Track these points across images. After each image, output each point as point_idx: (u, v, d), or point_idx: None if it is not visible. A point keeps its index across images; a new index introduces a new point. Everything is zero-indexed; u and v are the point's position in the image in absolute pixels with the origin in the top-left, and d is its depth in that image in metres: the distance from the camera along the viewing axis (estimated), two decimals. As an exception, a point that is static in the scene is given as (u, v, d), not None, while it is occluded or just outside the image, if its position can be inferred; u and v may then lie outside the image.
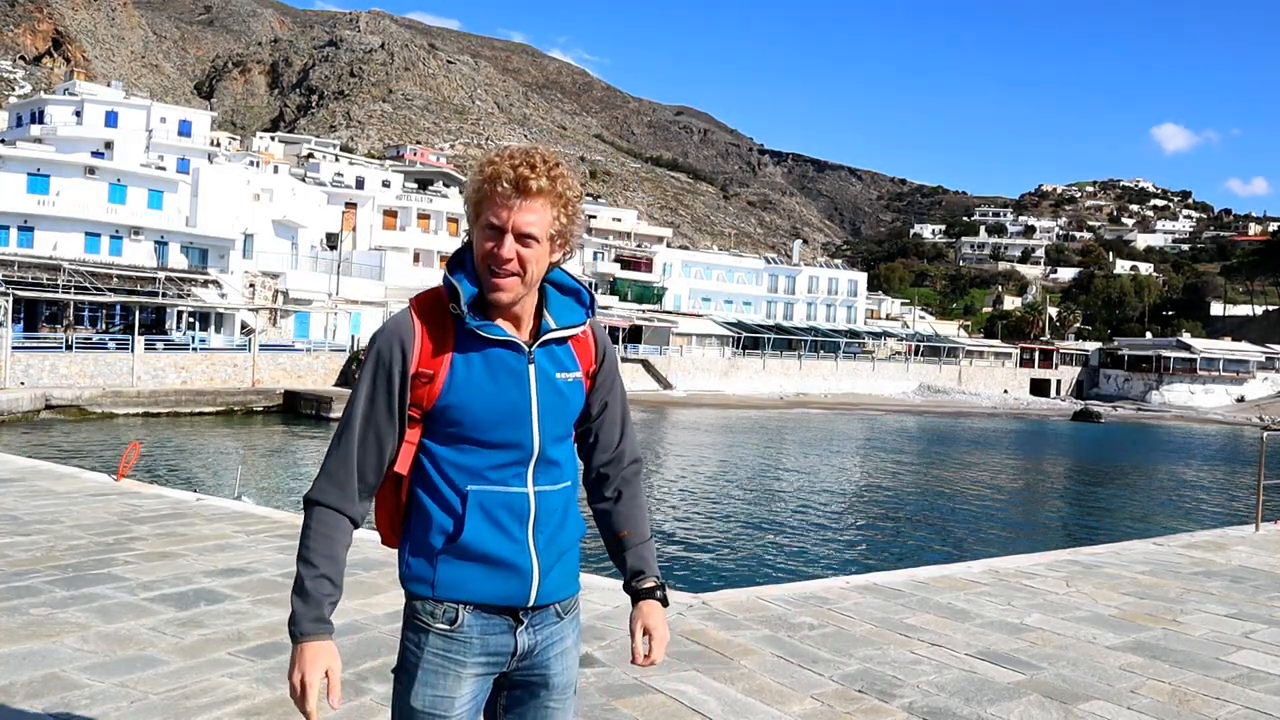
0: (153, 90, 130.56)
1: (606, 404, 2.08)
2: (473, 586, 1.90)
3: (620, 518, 2.10)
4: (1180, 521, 21.13)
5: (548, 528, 1.94)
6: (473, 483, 1.89)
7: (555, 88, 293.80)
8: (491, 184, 1.84)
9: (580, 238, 1.99)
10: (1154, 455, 42.83)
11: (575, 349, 2.00)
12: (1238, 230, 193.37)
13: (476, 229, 1.89)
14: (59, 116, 61.11)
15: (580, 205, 1.94)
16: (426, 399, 1.89)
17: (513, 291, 1.87)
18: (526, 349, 1.91)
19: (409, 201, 65.16)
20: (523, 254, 1.85)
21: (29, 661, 4.11)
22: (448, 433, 1.90)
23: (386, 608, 5.20)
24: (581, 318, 2.00)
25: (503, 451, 1.90)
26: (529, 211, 1.84)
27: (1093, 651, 4.97)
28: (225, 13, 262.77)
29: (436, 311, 1.92)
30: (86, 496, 8.27)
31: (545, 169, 1.85)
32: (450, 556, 1.90)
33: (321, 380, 40.44)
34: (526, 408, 1.90)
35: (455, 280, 1.89)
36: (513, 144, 2.07)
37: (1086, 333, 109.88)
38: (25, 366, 31.92)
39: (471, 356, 1.89)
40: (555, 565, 1.96)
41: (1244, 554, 8.04)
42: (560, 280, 2.02)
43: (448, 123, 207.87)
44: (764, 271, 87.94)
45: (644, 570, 2.08)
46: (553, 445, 1.95)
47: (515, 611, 1.93)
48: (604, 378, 2.07)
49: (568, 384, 1.97)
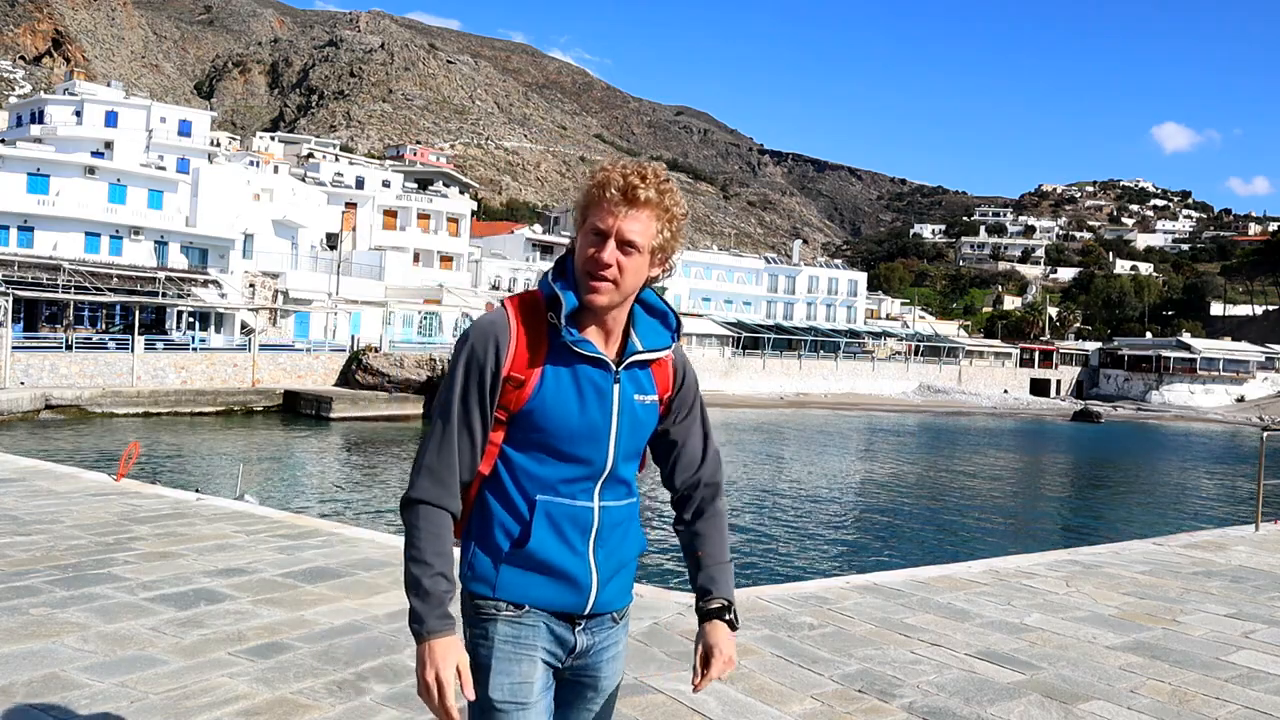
0: (153, 90, 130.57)
1: (687, 427, 2.10)
2: (533, 593, 1.95)
3: (698, 538, 2.11)
4: (1180, 521, 21.12)
5: (609, 542, 1.99)
6: (542, 493, 1.93)
7: (555, 88, 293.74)
8: (601, 190, 1.88)
9: (678, 257, 2.00)
10: (1154, 455, 42.83)
11: (655, 373, 2.03)
12: (1238, 230, 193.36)
13: (581, 233, 1.92)
14: (59, 116, 61.09)
15: (684, 225, 1.96)
16: (514, 403, 1.92)
17: (609, 296, 1.90)
18: (614, 368, 1.94)
19: (409, 201, 65.11)
20: (623, 261, 1.88)
21: (29, 661, 4.11)
22: (527, 440, 1.93)
23: (386, 608, 5.20)
24: (667, 341, 2.02)
25: (576, 466, 1.94)
26: (634, 220, 1.87)
27: (1093, 651, 4.97)
28: (225, 13, 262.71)
29: (534, 316, 1.94)
30: (86, 496, 8.27)
31: (655, 182, 1.88)
32: (514, 562, 1.94)
33: (321, 380, 40.43)
34: (606, 427, 1.94)
35: (558, 289, 1.92)
36: (626, 159, 2.06)
37: (1086, 333, 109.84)
38: (25, 366, 31.92)
39: (562, 369, 1.91)
40: (614, 577, 2.01)
41: (1244, 554, 8.04)
42: (650, 301, 2.04)
43: (448, 123, 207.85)
44: (764, 271, 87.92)
45: (712, 590, 2.07)
46: (624, 464, 1.99)
47: (572, 617, 1.98)
48: (680, 402, 2.09)
49: (645, 407, 1.99)
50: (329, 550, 6.58)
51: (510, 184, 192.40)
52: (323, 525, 7.79)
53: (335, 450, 28.75)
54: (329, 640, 4.58)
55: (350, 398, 37.42)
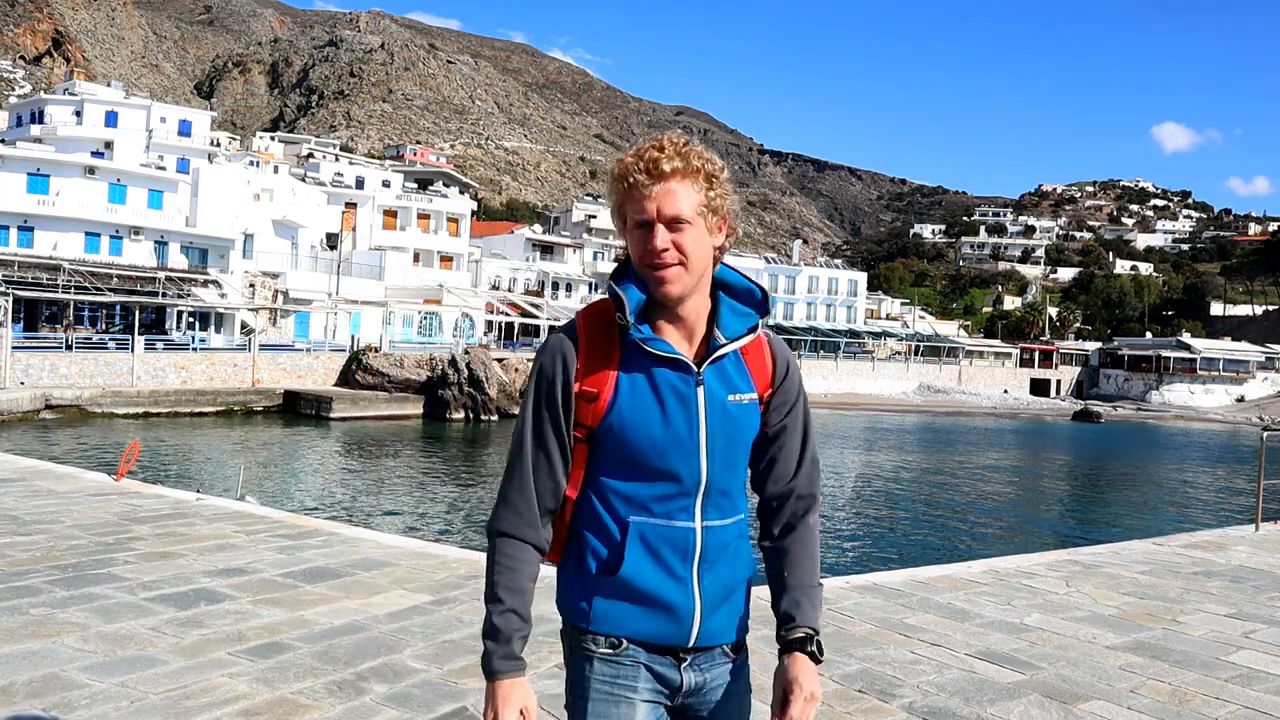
0: (153, 90, 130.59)
1: (783, 429, 1.86)
2: (630, 624, 1.77)
3: (784, 556, 1.88)
4: (1180, 521, 21.12)
5: (715, 565, 1.79)
6: (635, 514, 1.76)
7: (555, 88, 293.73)
8: (625, 181, 1.72)
9: (737, 213, 1.79)
10: (1154, 455, 42.83)
11: (750, 366, 1.82)
12: (1238, 230, 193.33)
13: (627, 235, 1.75)
14: (59, 116, 61.09)
15: (726, 179, 1.76)
16: (591, 419, 1.76)
17: (680, 282, 1.72)
18: (695, 369, 1.75)
19: (409, 201, 65.11)
20: (678, 240, 1.70)
21: (29, 661, 4.11)
22: (612, 457, 1.77)
23: (386, 608, 5.20)
24: (746, 325, 1.80)
25: (667, 483, 1.75)
26: (670, 194, 1.70)
27: (1093, 651, 4.97)
28: (225, 13, 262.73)
29: (603, 323, 1.79)
30: (86, 496, 8.27)
31: (674, 148, 1.72)
32: (607, 589, 1.77)
33: (321, 380, 40.42)
34: (694, 436, 1.74)
35: (620, 288, 1.76)
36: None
37: (1086, 333, 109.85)
38: (25, 366, 31.92)
39: (636, 376, 1.75)
40: (721, 605, 1.81)
41: (1244, 554, 8.04)
42: (729, 280, 1.83)
43: (448, 123, 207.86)
44: (764, 271, 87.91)
45: (795, 618, 1.82)
46: (723, 475, 1.79)
47: (675, 650, 1.79)
48: (781, 399, 1.85)
49: (741, 407, 1.79)
50: (329, 550, 6.58)
51: (510, 184, 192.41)
52: (323, 525, 7.79)
53: (335, 450, 28.74)
54: (329, 640, 4.58)
55: (350, 398, 37.42)
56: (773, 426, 1.85)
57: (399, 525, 17.29)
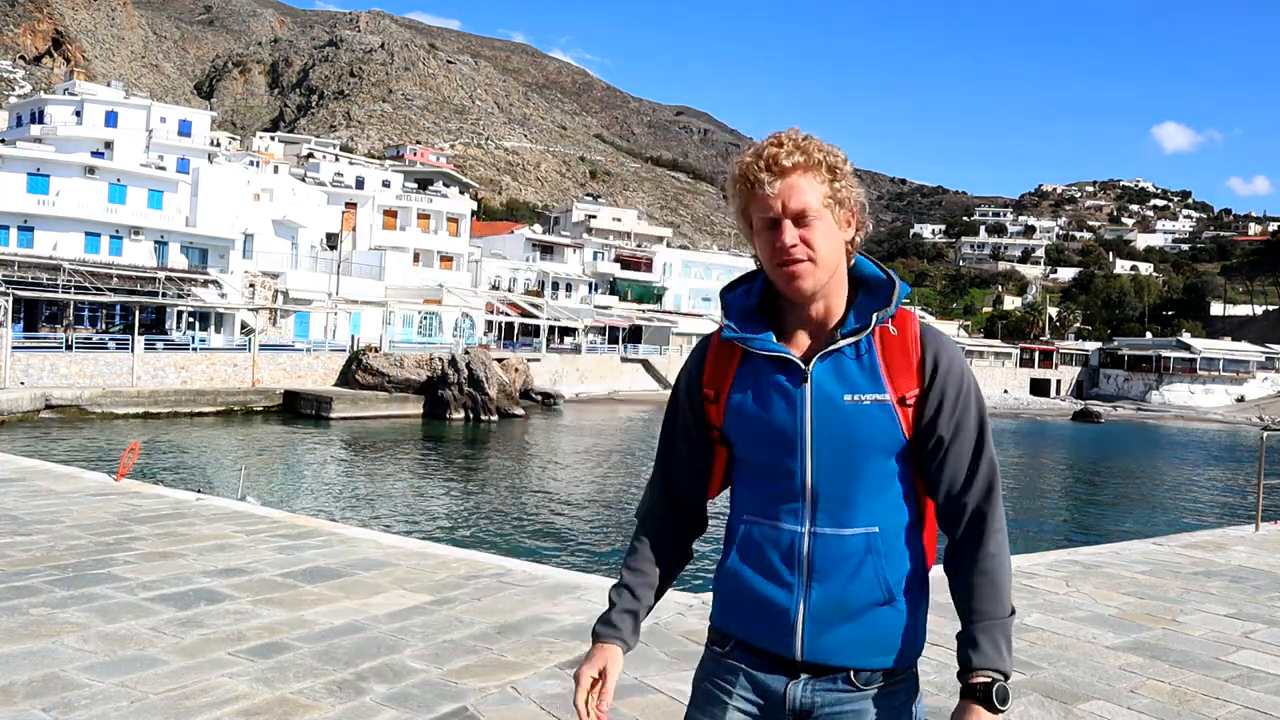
0: (153, 90, 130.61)
1: (941, 435, 1.69)
2: (736, 623, 1.77)
3: (960, 584, 1.72)
4: (1180, 521, 21.12)
5: (829, 578, 1.67)
6: (749, 512, 1.75)
7: (555, 88, 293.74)
8: (746, 181, 1.68)
9: (864, 206, 1.73)
10: (1154, 455, 42.83)
11: (889, 364, 1.68)
12: (1238, 230, 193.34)
13: (754, 237, 1.70)
14: (59, 116, 61.09)
15: (849, 170, 1.70)
16: (717, 418, 1.77)
17: (811, 278, 1.66)
18: (802, 366, 1.68)
19: (409, 201, 65.11)
20: (806, 236, 1.64)
21: (29, 661, 4.11)
22: (735, 457, 1.79)
23: (386, 608, 5.20)
24: (865, 320, 1.69)
25: (775, 483, 1.71)
26: (794, 189, 1.64)
27: (1093, 651, 4.97)
28: (225, 13, 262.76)
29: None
30: (86, 496, 8.27)
31: (793, 143, 1.67)
32: (723, 587, 1.80)
33: (321, 380, 40.43)
34: (797, 435, 1.68)
35: (728, 296, 1.78)
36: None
37: (1086, 333, 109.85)
38: (25, 366, 31.92)
39: (749, 377, 1.72)
40: (843, 624, 1.67)
41: (1244, 554, 8.04)
42: (864, 272, 1.75)
43: (448, 123, 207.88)
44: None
45: (972, 660, 1.64)
46: (835, 481, 1.68)
47: (785, 661, 1.71)
48: (934, 400, 1.68)
49: (861, 408, 1.66)
50: (329, 550, 6.58)
51: (510, 184, 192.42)
52: (323, 525, 7.79)
53: (335, 450, 28.75)
54: (329, 640, 4.58)
55: (350, 398, 37.43)
56: (927, 431, 1.69)
57: (399, 525, 17.30)
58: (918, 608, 1.73)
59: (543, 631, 4.91)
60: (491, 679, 4.17)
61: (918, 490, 1.75)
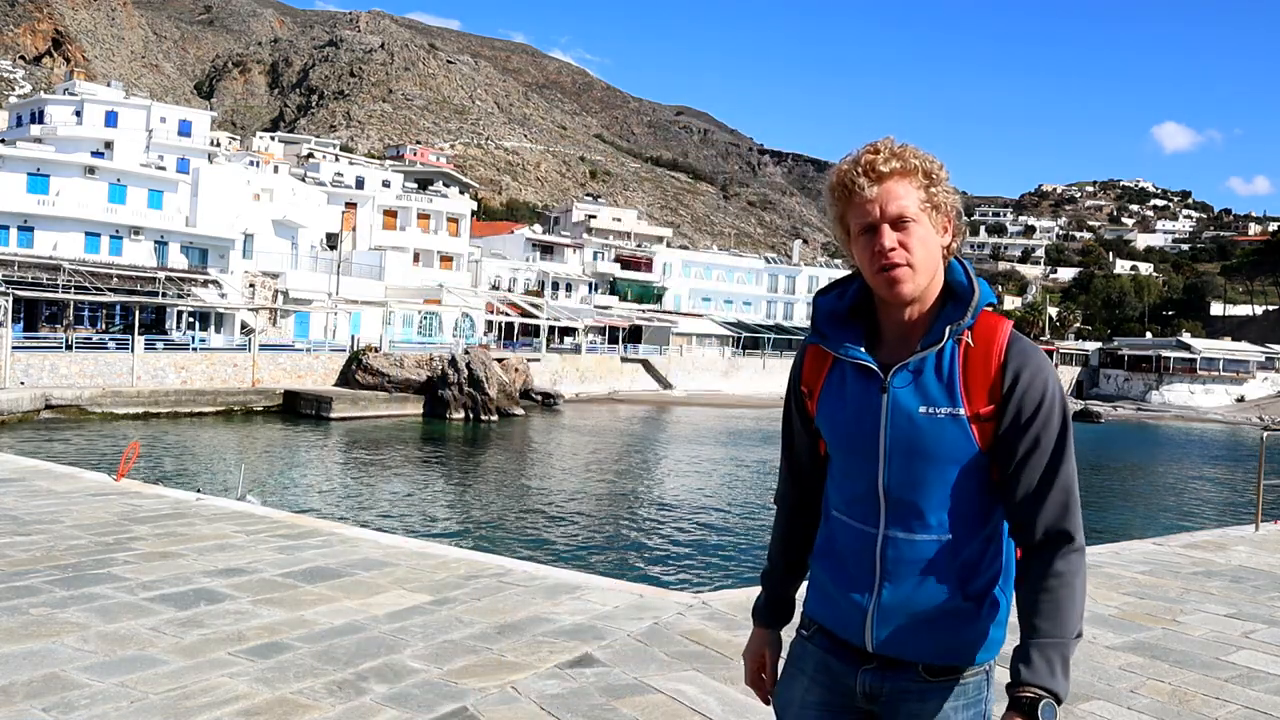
0: (153, 90, 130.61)
1: (1015, 451, 1.68)
2: (818, 609, 1.88)
3: (1021, 599, 1.72)
4: (1180, 521, 21.12)
5: (901, 580, 1.73)
6: (835, 509, 1.84)
7: (555, 88, 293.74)
8: (844, 189, 1.72)
9: (960, 212, 1.75)
10: (1154, 455, 42.84)
11: (969, 377, 1.69)
12: (1238, 230, 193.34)
13: (853, 244, 1.73)
14: (59, 116, 61.08)
15: (945, 176, 1.73)
16: (812, 413, 1.87)
17: (911, 282, 1.69)
18: (882, 376, 1.72)
19: (409, 201, 65.11)
20: (904, 240, 1.67)
21: (29, 661, 4.11)
22: (829, 454, 1.87)
23: (386, 608, 5.20)
24: (941, 331, 1.70)
25: (855, 484, 1.78)
26: (891, 194, 1.68)
27: (1093, 651, 4.97)
28: (225, 13, 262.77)
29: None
30: (86, 496, 8.27)
31: (889, 149, 1.71)
32: (814, 575, 1.91)
33: (321, 380, 40.44)
34: (873, 442, 1.73)
35: (817, 300, 1.85)
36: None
37: (1086, 333, 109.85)
38: (25, 366, 31.92)
39: (838, 380, 1.79)
40: (912, 622, 1.73)
41: (1244, 554, 8.04)
42: (953, 279, 1.75)
43: (448, 123, 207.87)
44: (764, 271, 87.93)
45: (1020, 674, 1.65)
46: (907, 489, 1.71)
47: (858, 650, 1.80)
48: (1011, 416, 1.68)
49: (934, 420, 1.68)
50: (329, 550, 6.58)
51: (510, 184, 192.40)
52: (323, 525, 7.79)
53: (335, 450, 28.75)
54: (329, 640, 4.58)
55: (350, 398, 37.44)
56: (1002, 446, 1.69)
57: (399, 525, 17.30)
58: (992, 612, 1.76)
59: (543, 631, 4.91)
60: (491, 679, 4.17)
61: (996, 502, 1.76)
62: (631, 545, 17.21)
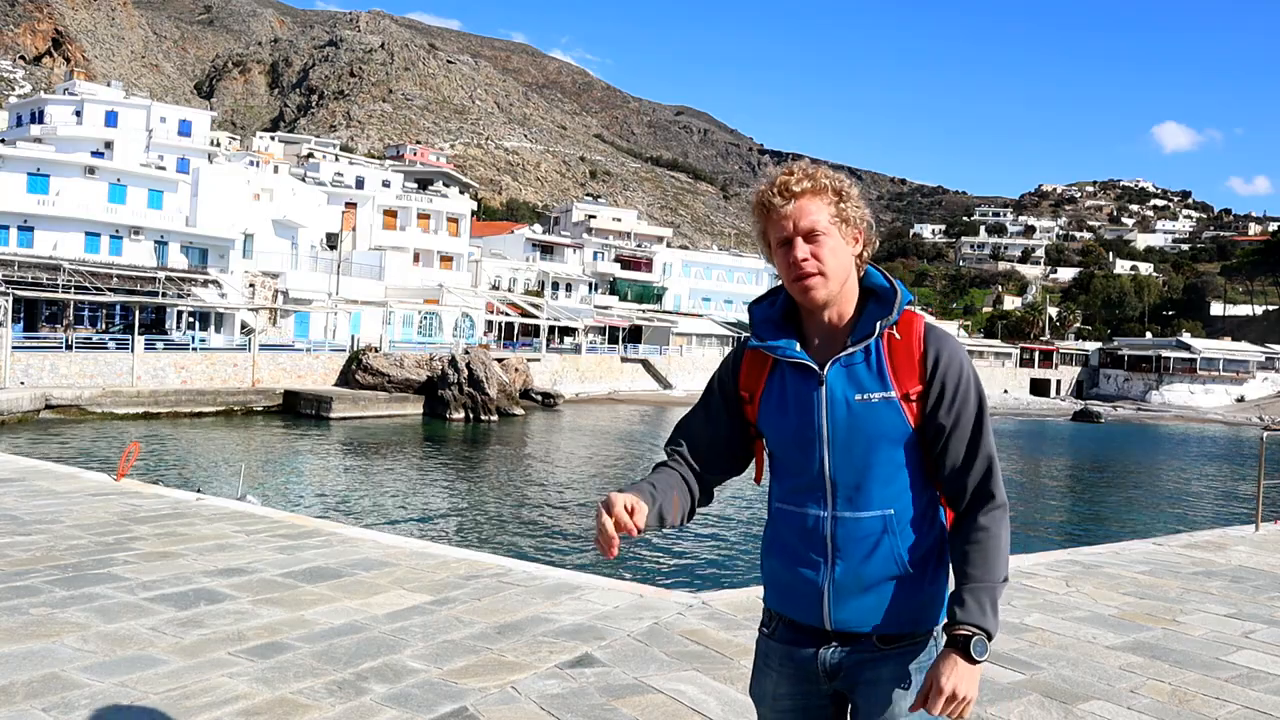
0: (153, 90, 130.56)
1: (942, 427, 1.89)
2: (777, 602, 2.01)
3: (954, 553, 1.92)
4: (1180, 521, 21.12)
5: (849, 556, 1.90)
6: (780, 500, 2.00)
7: (555, 88, 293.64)
8: (764, 208, 1.91)
9: (870, 225, 1.94)
10: (1154, 455, 42.84)
11: (895, 365, 1.89)
12: (1238, 230, 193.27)
13: (774, 256, 1.93)
14: (59, 116, 61.07)
15: (856, 194, 1.92)
16: (753, 417, 2.01)
17: (823, 289, 1.88)
18: (818, 370, 1.90)
19: (409, 201, 65.10)
20: (816, 251, 1.87)
21: (29, 661, 4.11)
22: (770, 452, 2.02)
23: (386, 608, 5.20)
24: (871, 325, 1.90)
25: (799, 475, 1.94)
26: (803, 211, 1.86)
27: (1093, 651, 4.97)
28: (225, 13, 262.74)
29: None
30: (86, 496, 8.27)
31: (802, 170, 1.90)
32: (765, 566, 2.04)
33: (321, 380, 40.43)
34: (814, 433, 1.90)
35: (752, 310, 2.02)
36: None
37: (1086, 333, 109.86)
38: (25, 366, 31.92)
39: (776, 380, 1.96)
40: (862, 594, 1.90)
41: (1244, 554, 8.04)
42: (872, 283, 1.96)
43: (448, 123, 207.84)
44: (764, 271, 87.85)
45: (955, 614, 1.85)
46: (850, 470, 1.89)
47: (817, 631, 1.95)
48: (935, 396, 1.88)
49: (869, 405, 1.87)
50: (329, 550, 6.58)
51: (510, 184, 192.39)
52: (323, 525, 7.79)
53: (335, 450, 28.75)
54: (329, 640, 4.58)
55: (350, 398, 37.43)
56: (929, 421, 1.90)
57: (399, 525, 17.30)
58: (935, 579, 1.94)
59: (543, 631, 4.91)
60: (491, 679, 4.17)
61: (929, 475, 1.95)
62: (631, 545, 17.22)
